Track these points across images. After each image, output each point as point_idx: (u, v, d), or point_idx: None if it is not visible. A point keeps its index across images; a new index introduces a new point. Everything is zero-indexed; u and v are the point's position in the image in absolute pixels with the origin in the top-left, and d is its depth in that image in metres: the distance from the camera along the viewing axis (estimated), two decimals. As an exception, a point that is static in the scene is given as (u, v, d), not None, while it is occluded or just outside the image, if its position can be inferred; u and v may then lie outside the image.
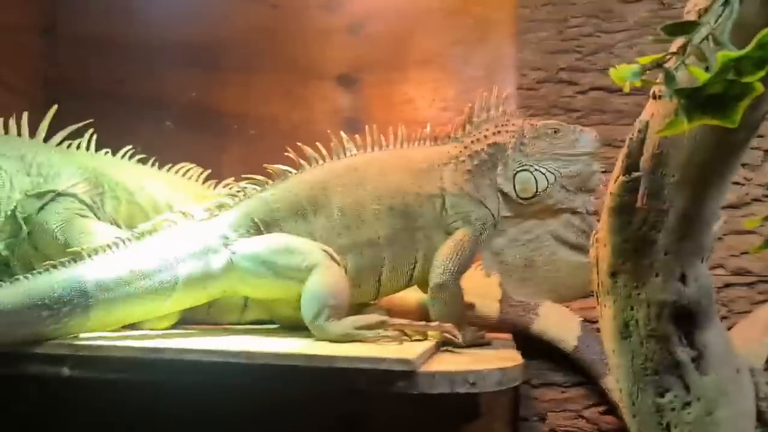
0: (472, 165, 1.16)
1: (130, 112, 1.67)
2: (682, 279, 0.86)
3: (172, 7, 1.68)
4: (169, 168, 1.41)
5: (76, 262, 0.95)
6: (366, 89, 1.62)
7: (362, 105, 1.61)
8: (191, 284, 1.01)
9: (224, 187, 1.41)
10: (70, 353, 0.90)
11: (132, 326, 1.06)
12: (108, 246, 0.98)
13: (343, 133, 1.19)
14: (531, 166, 1.14)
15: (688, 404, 0.89)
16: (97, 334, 0.97)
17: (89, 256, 0.96)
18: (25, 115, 1.29)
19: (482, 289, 1.35)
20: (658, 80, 0.70)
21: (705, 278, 0.87)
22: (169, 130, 1.65)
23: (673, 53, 0.68)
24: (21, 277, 0.92)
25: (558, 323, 1.39)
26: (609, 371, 1.36)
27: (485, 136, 1.17)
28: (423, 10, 1.59)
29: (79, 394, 1.26)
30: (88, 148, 1.34)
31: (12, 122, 1.29)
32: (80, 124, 1.32)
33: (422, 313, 1.17)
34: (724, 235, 1.44)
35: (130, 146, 1.37)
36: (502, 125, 1.17)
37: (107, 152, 1.35)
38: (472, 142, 1.17)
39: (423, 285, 1.23)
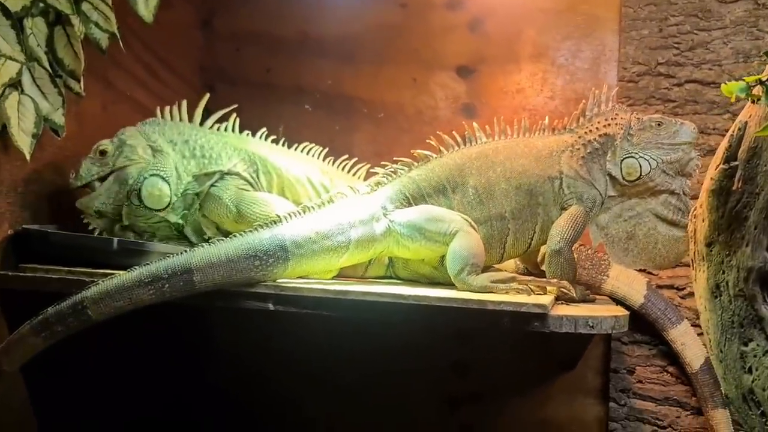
0: (586, 152, 1.37)
1: (274, 97, 1.93)
2: (768, 249, 1.06)
3: (312, 5, 1.92)
4: (296, 147, 1.60)
5: (276, 224, 1.22)
6: (482, 79, 1.82)
7: (478, 93, 1.82)
8: (360, 245, 1.27)
9: (354, 167, 1.66)
10: (275, 293, 1.17)
11: (303, 277, 1.33)
12: (298, 212, 1.25)
13: (475, 124, 1.42)
14: (636, 153, 1.35)
15: (767, 352, 1.09)
16: (292, 280, 1.24)
17: (285, 220, 1.23)
18: (184, 103, 1.52)
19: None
20: (756, 92, 0.90)
21: None
22: (308, 113, 1.92)
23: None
24: (236, 235, 1.20)
25: (626, 283, 1.61)
26: (672, 325, 1.57)
27: (597, 128, 1.38)
28: (536, 9, 1.77)
29: (275, 327, 1.58)
30: (233, 130, 1.54)
31: (175, 109, 1.50)
32: (227, 110, 1.54)
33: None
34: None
35: (265, 128, 1.57)
36: (612, 118, 1.38)
37: (248, 133, 1.56)
38: (585, 132, 1.39)
39: (530, 254, 1.47)
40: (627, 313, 1.21)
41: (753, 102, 1.01)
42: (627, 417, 1.68)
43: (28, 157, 1.26)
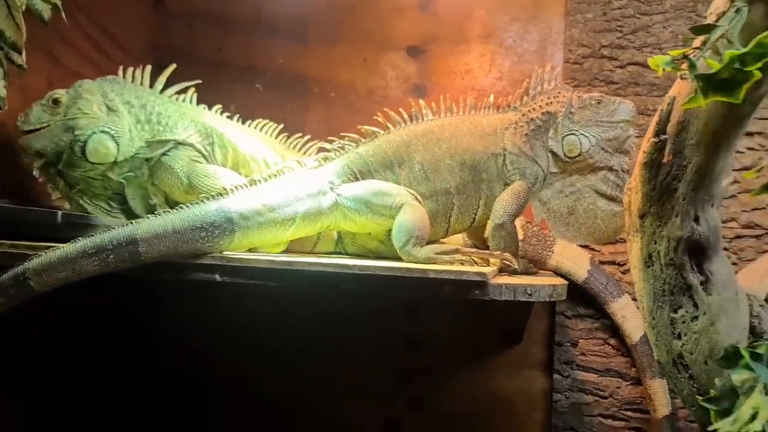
0: (529, 129, 1.41)
1: (226, 76, 1.93)
2: (696, 220, 1.10)
3: (265, -16, 1.93)
4: (249, 123, 1.62)
5: (222, 196, 1.22)
6: (432, 59, 1.85)
7: (428, 73, 1.85)
8: (307, 218, 1.29)
9: (306, 144, 1.67)
10: (221, 264, 1.18)
11: (251, 251, 1.34)
12: (245, 185, 1.26)
13: (421, 101, 1.45)
14: (577, 131, 1.39)
15: (695, 318, 1.14)
16: (240, 253, 1.25)
17: (232, 192, 1.24)
18: (148, 68, 1.52)
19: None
20: (683, 67, 0.94)
21: (714, 220, 1.12)
22: (260, 92, 1.92)
23: (696, 48, 0.93)
24: (182, 206, 1.20)
25: (570, 259, 1.67)
26: (613, 299, 1.64)
27: (540, 106, 1.42)
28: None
29: (224, 299, 1.58)
30: (190, 103, 1.55)
31: (138, 72, 1.51)
32: (190, 84, 1.54)
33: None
34: (738, 193, 1.68)
35: (220, 105, 1.59)
36: (554, 97, 1.42)
37: (204, 107, 1.57)
38: (528, 110, 1.43)
39: (477, 229, 1.50)
40: (565, 282, 1.25)
41: (681, 79, 1.06)
42: (570, 388, 1.74)
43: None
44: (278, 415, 1.83)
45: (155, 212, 1.20)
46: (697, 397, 1.14)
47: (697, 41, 0.93)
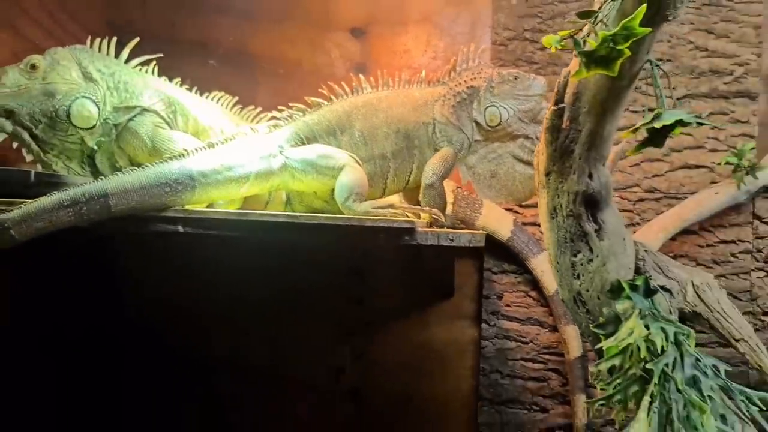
0: (455, 102, 1.60)
1: (179, 52, 2.05)
2: (590, 176, 1.30)
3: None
4: (207, 95, 1.75)
5: (184, 156, 1.37)
6: (373, 40, 2.02)
7: (369, 52, 2.02)
8: (259, 177, 1.44)
9: (258, 116, 1.82)
10: (183, 216, 1.33)
11: (210, 206, 1.49)
12: (205, 147, 1.41)
13: (361, 76, 1.62)
14: (497, 103, 1.59)
15: (591, 260, 1.35)
16: (199, 208, 1.40)
17: (193, 153, 1.39)
18: (114, 39, 1.63)
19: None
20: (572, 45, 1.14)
21: (605, 177, 1.32)
22: (213, 68, 2.05)
23: (579, 30, 1.12)
24: (148, 165, 1.34)
25: (496, 219, 1.88)
26: (533, 255, 1.86)
27: (465, 81, 1.61)
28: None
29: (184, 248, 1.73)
30: (153, 74, 1.67)
31: (104, 43, 1.62)
32: (152, 57, 1.66)
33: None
34: (641, 161, 1.92)
35: (179, 78, 1.71)
36: (477, 73, 1.61)
37: (165, 79, 1.69)
38: (455, 85, 1.61)
39: (412, 191, 1.69)
40: (484, 233, 1.45)
41: (575, 56, 1.25)
42: (496, 336, 1.95)
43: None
44: (231, 366, 2.00)
45: (122, 170, 1.35)
46: (591, 326, 1.36)
47: (582, 25, 1.13)
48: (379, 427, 2.00)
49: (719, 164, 1.83)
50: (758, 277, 1.86)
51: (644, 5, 1.02)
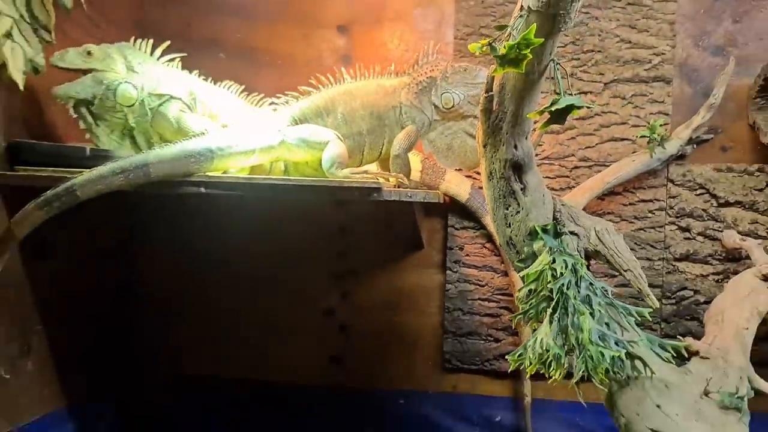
0: (418, 89, 1.99)
1: (194, 47, 2.43)
2: (515, 147, 1.70)
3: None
4: (219, 84, 2.10)
5: (205, 135, 1.78)
6: (355, 35, 2.40)
7: (352, 46, 2.40)
8: (263, 151, 1.84)
9: (261, 101, 2.21)
10: (205, 180, 1.74)
11: (224, 173, 1.90)
12: (221, 128, 1.82)
13: (343, 69, 2.01)
14: (451, 89, 1.98)
15: (518, 212, 1.75)
16: (216, 174, 1.81)
17: (211, 132, 1.79)
18: (150, 41, 1.99)
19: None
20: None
21: (527, 148, 1.71)
22: (223, 60, 2.45)
23: (496, 38, 1.52)
24: (177, 141, 1.75)
25: (456, 184, 2.25)
26: (486, 213, 2.26)
27: (425, 72, 2.00)
28: (395, -18, 2.39)
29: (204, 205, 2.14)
30: (177, 67, 2.03)
31: (143, 43, 1.98)
32: (177, 55, 2.03)
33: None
34: (577, 136, 2.32)
35: (197, 70, 2.09)
36: (435, 66, 2.01)
37: (187, 72, 2.06)
38: (417, 75, 2.00)
39: (384, 161, 2.09)
40: (438, 192, 1.86)
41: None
42: (458, 280, 2.37)
43: (21, 87, 1.75)
44: (238, 308, 2.43)
45: (156, 146, 1.75)
46: (516, 262, 1.77)
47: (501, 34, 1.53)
48: (364, 355, 2.43)
49: (639, 138, 2.23)
50: (670, 230, 2.26)
51: (534, 24, 1.41)
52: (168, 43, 2.02)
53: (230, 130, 1.83)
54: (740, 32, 2.22)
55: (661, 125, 2.17)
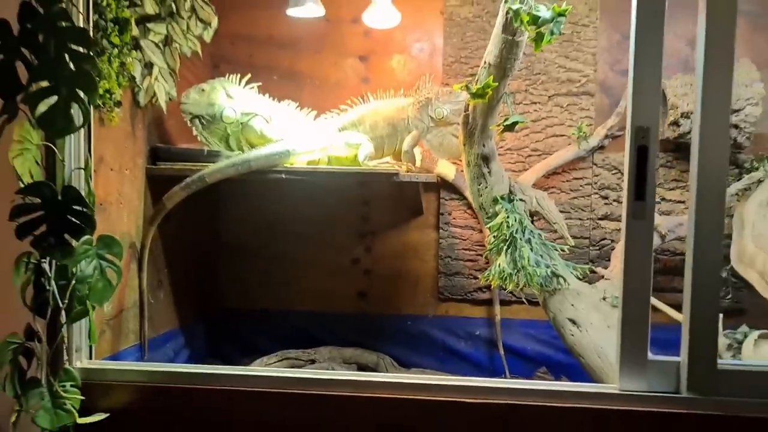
0: (419, 106, 2.92)
1: (254, 72, 3.37)
2: (484, 146, 2.67)
3: (282, 18, 3.38)
4: (281, 102, 2.92)
5: (283, 140, 2.74)
6: (372, 63, 3.33)
7: (370, 71, 3.30)
8: (321, 149, 2.77)
9: (308, 114, 3.15)
10: (285, 170, 2.69)
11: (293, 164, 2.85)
12: (293, 135, 2.77)
13: (369, 93, 2.97)
14: (441, 106, 2.93)
15: (486, 187, 2.72)
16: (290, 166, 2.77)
17: (288, 139, 2.75)
18: (238, 75, 2.84)
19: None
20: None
21: (491, 146, 2.66)
22: (276, 82, 3.37)
23: (469, 82, 2.48)
24: (262, 147, 2.70)
25: (446, 168, 3.17)
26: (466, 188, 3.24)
27: (424, 95, 2.95)
28: (401, 25, 3.31)
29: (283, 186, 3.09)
30: (256, 91, 2.95)
31: (234, 76, 2.80)
32: (256, 84, 3.00)
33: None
34: (530, 133, 3.28)
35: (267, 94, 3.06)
36: (430, 90, 2.95)
37: (265, 95, 3.00)
38: (419, 96, 2.95)
39: (398, 154, 3.05)
40: (434, 176, 2.85)
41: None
42: (447, 236, 3.34)
43: (165, 111, 2.69)
44: (291, 256, 3.41)
45: (249, 148, 2.72)
46: (485, 219, 2.75)
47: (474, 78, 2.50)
48: (382, 292, 3.38)
49: (572, 134, 3.21)
50: (595, 198, 3.24)
51: (492, 74, 2.37)
52: (249, 75, 2.95)
53: (299, 135, 2.79)
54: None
55: (587, 126, 3.15)
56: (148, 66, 2.56)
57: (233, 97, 2.82)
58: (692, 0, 1.89)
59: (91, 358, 2.16)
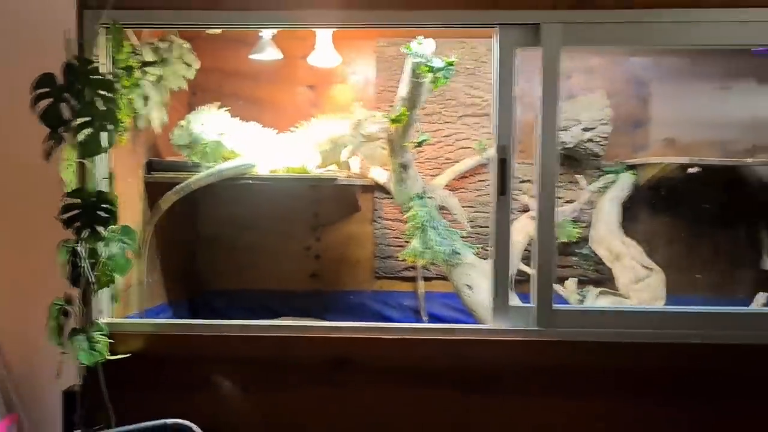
0: (355, 126, 3.81)
1: (224, 99, 4.17)
2: (403, 156, 3.54)
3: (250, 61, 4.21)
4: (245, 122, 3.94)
5: (249, 155, 3.57)
6: (319, 91, 4.19)
7: (318, 98, 4.15)
8: (274, 161, 3.65)
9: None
10: (251, 177, 3.53)
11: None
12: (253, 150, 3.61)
13: (317, 116, 3.82)
14: (372, 125, 3.81)
15: (406, 187, 3.61)
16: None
17: (252, 152, 3.58)
18: (218, 103, 3.77)
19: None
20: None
21: (408, 156, 3.54)
22: (241, 106, 4.19)
23: (390, 112, 3.35)
24: (232, 160, 3.53)
25: (378, 174, 4.05)
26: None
27: (358, 117, 3.82)
28: (344, 60, 4.17)
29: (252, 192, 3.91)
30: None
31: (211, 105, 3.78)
32: (227, 108, 3.83)
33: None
34: (444, 146, 4.17)
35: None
36: (363, 113, 3.83)
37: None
38: (354, 119, 3.83)
39: (339, 164, 3.89)
40: (372, 178, 3.73)
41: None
42: (380, 228, 4.20)
43: (158, 131, 3.49)
44: (253, 248, 4.23)
45: (224, 161, 3.55)
46: (404, 212, 3.62)
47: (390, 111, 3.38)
48: (330, 272, 4.12)
49: (475, 147, 4.12)
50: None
51: (405, 107, 3.25)
52: (219, 102, 3.75)
53: (262, 150, 3.62)
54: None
55: (486, 140, 4.06)
56: (146, 99, 3.36)
57: (204, 124, 3.63)
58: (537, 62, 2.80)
59: (111, 317, 2.95)
